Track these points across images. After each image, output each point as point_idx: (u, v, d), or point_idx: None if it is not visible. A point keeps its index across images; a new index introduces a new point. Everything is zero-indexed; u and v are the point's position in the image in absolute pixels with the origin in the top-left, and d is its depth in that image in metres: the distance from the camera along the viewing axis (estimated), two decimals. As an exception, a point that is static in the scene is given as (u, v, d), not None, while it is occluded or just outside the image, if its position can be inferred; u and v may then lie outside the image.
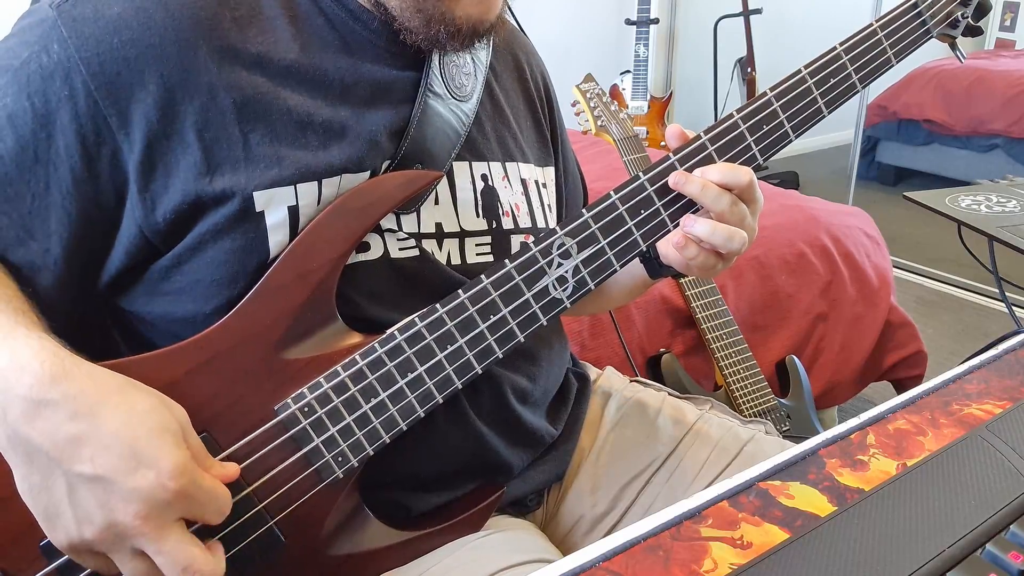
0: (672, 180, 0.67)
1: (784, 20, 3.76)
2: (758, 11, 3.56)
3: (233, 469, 0.59)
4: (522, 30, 0.92)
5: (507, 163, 0.78)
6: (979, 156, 3.66)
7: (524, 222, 0.78)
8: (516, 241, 0.76)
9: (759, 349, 1.63)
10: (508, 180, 0.77)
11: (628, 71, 3.30)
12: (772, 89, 0.68)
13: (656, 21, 3.34)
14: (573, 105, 1.76)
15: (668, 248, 0.72)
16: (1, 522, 0.56)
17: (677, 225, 0.68)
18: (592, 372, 0.98)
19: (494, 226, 0.75)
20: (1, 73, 0.61)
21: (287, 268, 0.63)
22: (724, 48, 3.65)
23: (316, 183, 0.64)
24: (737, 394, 1.51)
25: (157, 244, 0.64)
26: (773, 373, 1.65)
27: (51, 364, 0.53)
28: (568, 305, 0.67)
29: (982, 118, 3.60)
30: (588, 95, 1.74)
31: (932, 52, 3.92)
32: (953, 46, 0.77)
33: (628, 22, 3.31)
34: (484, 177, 0.75)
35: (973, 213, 1.38)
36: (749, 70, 3.56)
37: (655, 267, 0.78)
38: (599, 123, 1.72)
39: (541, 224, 0.80)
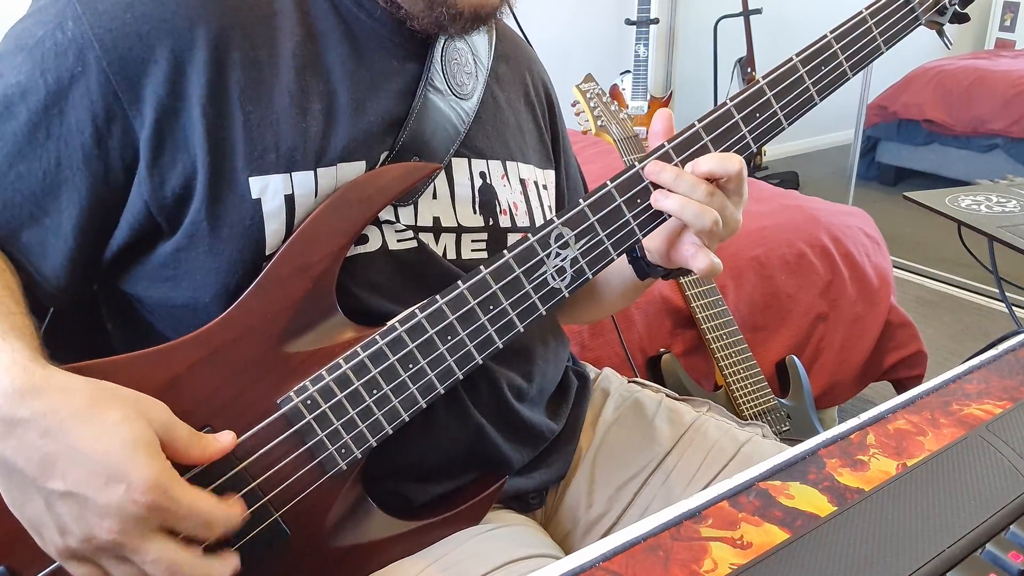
0: (647, 171, 0.67)
1: (784, 20, 3.76)
2: (758, 11, 3.56)
3: (227, 438, 0.59)
4: (524, 36, 0.92)
5: (507, 162, 0.78)
6: (979, 156, 3.66)
7: (522, 221, 0.78)
8: (513, 240, 0.76)
9: (759, 349, 1.63)
10: (507, 179, 0.78)
11: (628, 71, 3.30)
12: (764, 77, 0.69)
13: (656, 21, 3.34)
14: (573, 105, 1.76)
15: (652, 241, 0.72)
16: (5, 521, 0.56)
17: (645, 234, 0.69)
18: (591, 372, 0.98)
19: (490, 223, 0.75)
20: (16, 52, 0.61)
21: (287, 261, 0.63)
22: (724, 48, 3.65)
23: (312, 172, 0.64)
24: (737, 394, 1.51)
25: (161, 221, 0.64)
26: (773, 373, 1.65)
27: (21, 380, 0.52)
28: (567, 295, 0.67)
29: (982, 118, 3.59)
30: (588, 95, 1.74)
31: (932, 52, 3.92)
32: (940, 33, 0.78)
33: (628, 22, 3.31)
34: (483, 175, 0.75)
35: (973, 213, 1.38)
36: (749, 70, 3.56)
37: (642, 267, 0.78)
38: (599, 123, 1.72)
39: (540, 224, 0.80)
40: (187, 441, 0.57)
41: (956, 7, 0.74)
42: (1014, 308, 1.55)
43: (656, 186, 0.67)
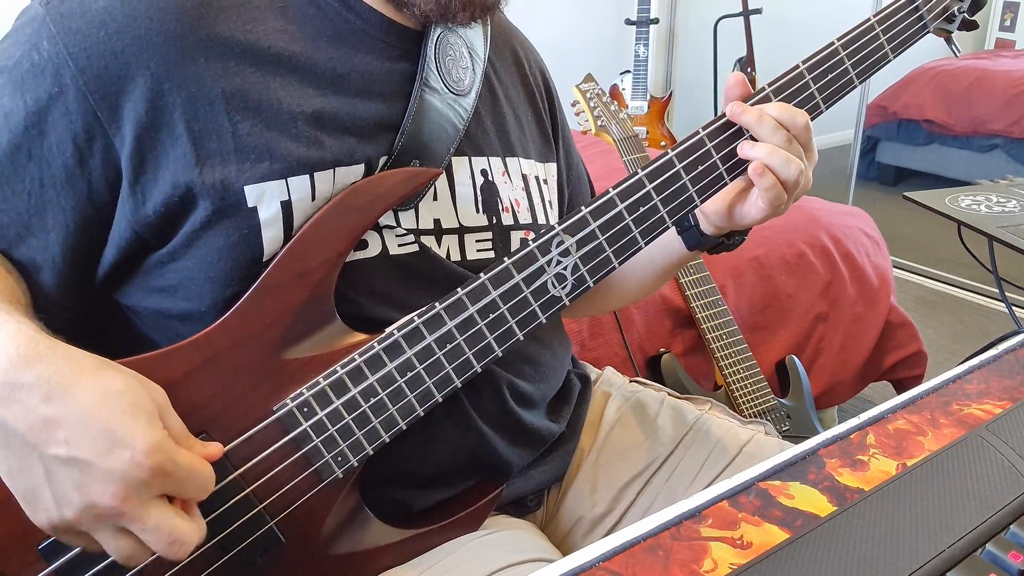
0: (730, 110, 0.66)
1: (784, 20, 3.76)
2: (758, 11, 3.56)
3: (215, 448, 0.59)
4: None
5: (507, 158, 0.78)
6: (979, 156, 3.66)
7: (524, 218, 0.77)
8: (516, 237, 0.76)
9: (759, 349, 1.63)
10: (508, 175, 0.77)
11: (628, 71, 3.30)
12: (770, 85, 0.68)
13: (656, 21, 3.34)
14: (573, 105, 1.76)
15: (715, 203, 0.71)
16: (0, 525, 0.56)
17: (675, 222, 0.68)
18: (592, 372, 0.98)
19: (494, 222, 0.75)
20: None
21: (285, 268, 0.63)
22: (724, 48, 3.65)
23: (308, 176, 0.64)
24: (737, 394, 1.50)
25: (148, 238, 0.64)
26: (773, 373, 1.64)
27: (26, 347, 0.53)
28: (567, 303, 0.67)
29: (982, 118, 3.59)
30: (588, 95, 1.74)
31: (932, 52, 3.92)
32: (949, 40, 0.77)
33: (628, 22, 3.31)
34: (484, 172, 0.75)
35: (973, 213, 1.38)
36: (749, 70, 3.55)
37: (695, 236, 0.76)
38: (599, 123, 1.72)
39: (542, 220, 0.79)
40: (176, 433, 0.56)
41: (964, 14, 0.74)
42: (1014, 308, 1.54)
43: (662, 194, 0.66)
